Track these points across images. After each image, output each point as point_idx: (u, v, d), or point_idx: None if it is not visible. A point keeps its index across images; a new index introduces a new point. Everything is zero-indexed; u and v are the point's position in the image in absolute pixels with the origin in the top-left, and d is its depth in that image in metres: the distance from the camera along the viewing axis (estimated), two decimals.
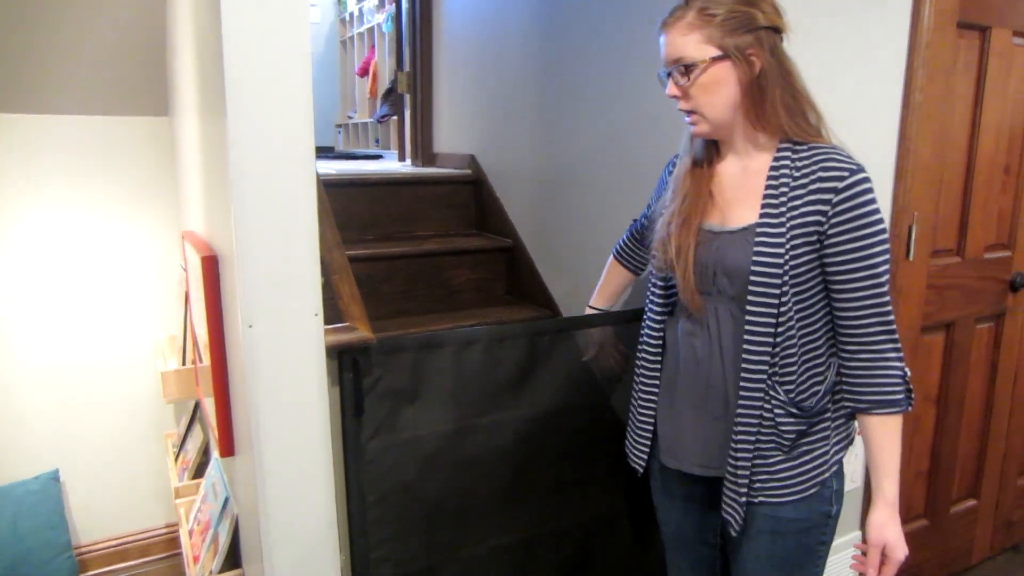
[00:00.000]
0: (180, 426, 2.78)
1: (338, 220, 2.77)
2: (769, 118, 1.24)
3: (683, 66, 1.23)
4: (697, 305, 1.33)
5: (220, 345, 1.53)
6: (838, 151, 1.23)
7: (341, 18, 6.17)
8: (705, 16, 1.21)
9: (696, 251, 1.31)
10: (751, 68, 1.22)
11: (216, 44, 1.20)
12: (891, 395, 1.24)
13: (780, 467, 1.30)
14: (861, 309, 1.22)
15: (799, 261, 1.22)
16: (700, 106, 1.26)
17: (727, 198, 1.32)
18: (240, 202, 1.20)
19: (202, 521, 1.95)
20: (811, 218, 1.21)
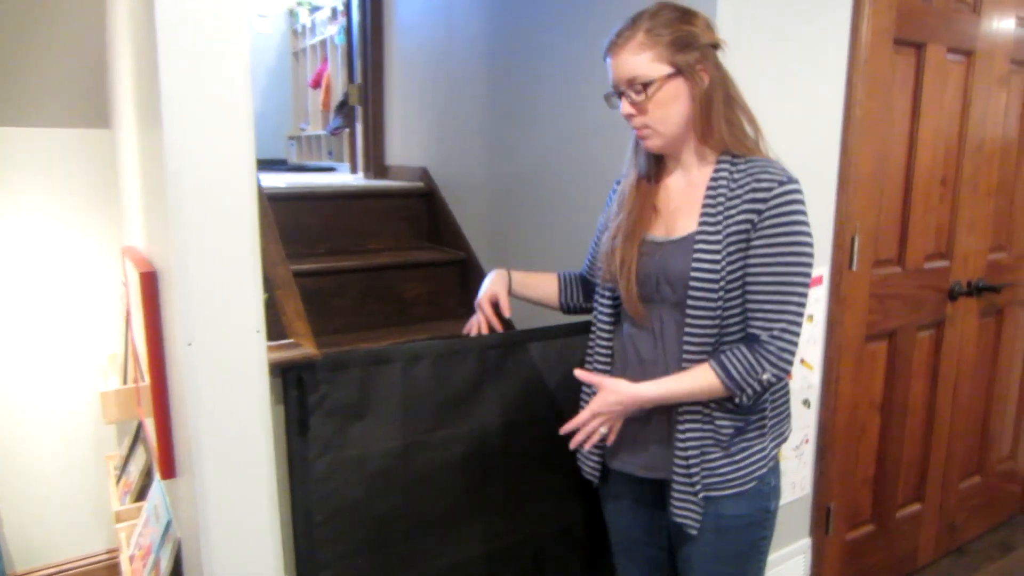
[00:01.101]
0: (122, 447, 2.70)
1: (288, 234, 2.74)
2: (714, 131, 1.30)
3: (640, 84, 1.27)
4: (640, 314, 1.37)
5: (160, 364, 1.49)
6: (772, 164, 1.28)
7: (293, 29, 6.11)
8: (653, 36, 1.26)
9: (640, 261, 1.36)
10: (700, 82, 1.27)
11: (152, 54, 1.17)
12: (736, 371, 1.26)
13: (719, 463, 1.33)
14: (764, 311, 1.26)
15: (735, 267, 1.26)
16: (655, 122, 1.30)
17: (671, 209, 1.37)
18: (178, 216, 1.17)
19: (143, 546, 1.89)
20: (743, 227, 1.26)
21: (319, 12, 5.47)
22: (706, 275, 1.27)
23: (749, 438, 1.35)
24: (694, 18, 1.29)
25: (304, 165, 5.38)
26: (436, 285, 2.80)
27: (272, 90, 6.25)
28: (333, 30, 5.03)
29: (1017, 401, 2.84)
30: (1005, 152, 2.49)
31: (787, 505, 2.11)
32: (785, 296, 1.25)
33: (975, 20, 2.25)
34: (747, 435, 1.35)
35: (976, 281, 2.48)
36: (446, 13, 2.92)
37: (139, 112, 1.58)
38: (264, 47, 6.14)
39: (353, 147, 4.09)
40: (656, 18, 1.27)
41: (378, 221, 2.96)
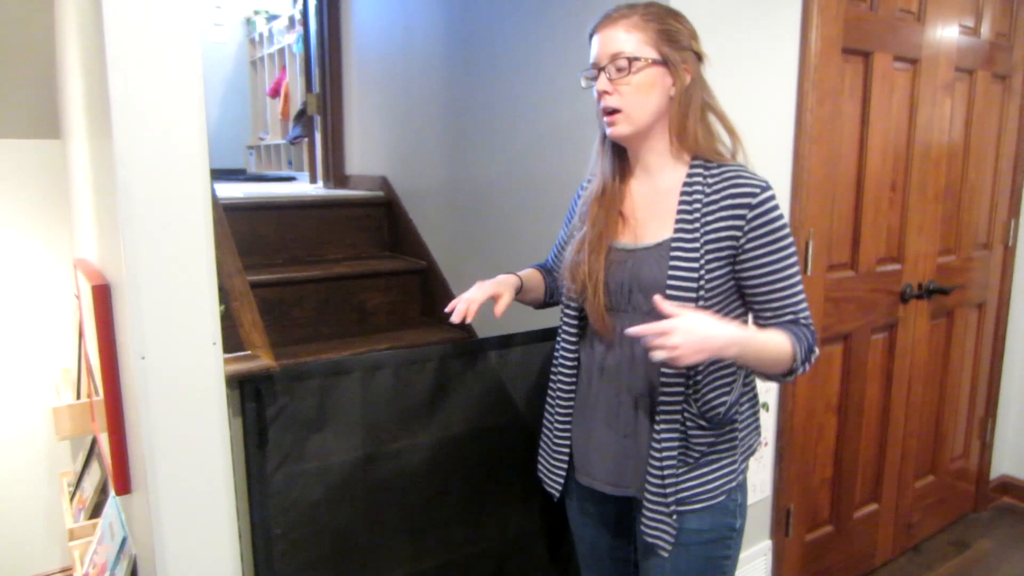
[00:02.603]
0: (76, 463, 2.63)
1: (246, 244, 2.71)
2: (689, 133, 1.28)
3: (625, 59, 1.24)
4: (605, 327, 1.33)
5: (113, 378, 1.46)
6: (745, 170, 1.27)
7: (250, 38, 6.06)
8: (648, 22, 1.25)
9: (609, 271, 1.32)
10: (682, 81, 1.26)
11: (100, 63, 1.15)
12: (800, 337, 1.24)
13: (686, 476, 1.30)
14: (787, 310, 1.26)
15: (712, 275, 1.24)
16: (629, 105, 1.26)
17: (639, 217, 1.34)
18: (129, 227, 1.15)
19: (98, 564, 1.84)
20: (724, 233, 1.24)
21: (276, 21, 5.43)
22: (683, 283, 1.24)
23: (720, 450, 1.33)
24: (684, 21, 1.30)
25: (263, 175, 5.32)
26: (397, 294, 2.79)
27: (230, 99, 6.18)
28: (291, 39, 4.99)
29: (968, 401, 2.91)
30: (951, 157, 2.56)
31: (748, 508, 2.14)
32: (796, 292, 1.26)
33: (919, 29, 2.31)
34: (718, 448, 1.32)
35: (927, 283, 2.54)
36: (404, 22, 2.92)
37: (89, 122, 1.56)
38: (221, 56, 6.07)
39: (312, 156, 4.06)
40: (650, 9, 1.27)
41: (338, 230, 2.94)
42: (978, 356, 2.90)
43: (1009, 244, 2.91)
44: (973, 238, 2.74)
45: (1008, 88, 2.73)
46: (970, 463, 3.00)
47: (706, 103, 1.30)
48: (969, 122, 2.60)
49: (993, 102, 2.69)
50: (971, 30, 2.51)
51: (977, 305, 2.84)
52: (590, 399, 1.41)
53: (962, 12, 2.45)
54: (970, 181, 2.66)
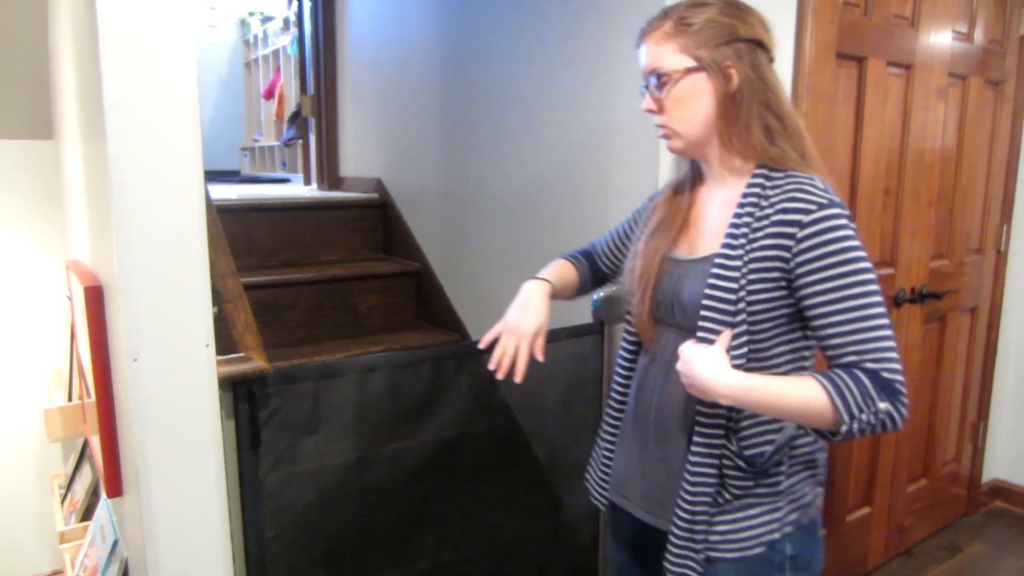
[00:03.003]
0: (67, 466, 2.62)
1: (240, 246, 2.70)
2: (742, 138, 1.15)
3: (657, 76, 1.16)
4: (648, 337, 1.26)
5: (106, 379, 1.46)
6: (811, 182, 1.10)
7: (245, 40, 6.05)
8: (682, 25, 1.14)
9: (658, 280, 1.23)
10: (727, 82, 1.13)
11: (94, 63, 1.15)
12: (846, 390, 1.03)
13: (718, 519, 1.17)
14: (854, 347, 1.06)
15: (757, 299, 1.11)
16: (672, 120, 1.17)
17: (701, 227, 1.23)
18: (122, 228, 1.15)
19: (89, 567, 1.83)
20: (771, 253, 1.09)
21: (271, 23, 5.43)
22: (719, 304, 1.11)
23: (759, 494, 1.17)
24: (738, 11, 1.15)
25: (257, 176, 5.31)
26: (391, 297, 2.78)
27: (224, 101, 6.17)
28: (286, 40, 4.99)
29: (960, 405, 2.92)
30: (944, 162, 2.57)
31: None
32: (864, 328, 1.05)
33: (913, 35, 2.32)
34: (755, 492, 1.17)
35: (920, 288, 2.55)
36: (399, 24, 2.92)
37: (83, 122, 1.55)
38: (215, 58, 6.06)
39: (307, 158, 4.05)
40: (695, 7, 1.15)
41: (332, 233, 2.94)
42: (970, 360, 2.91)
43: (1001, 249, 2.92)
44: (966, 243, 2.75)
45: (1001, 94, 2.75)
46: (962, 467, 3.01)
47: (766, 102, 1.14)
48: (962, 127, 2.61)
49: (986, 108, 2.70)
50: (964, 36, 2.53)
51: (970, 309, 2.85)
52: (629, 415, 1.32)
53: (956, 18, 2.46)
54: (963, 186, 2.67)
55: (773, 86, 1.15)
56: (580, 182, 1.98)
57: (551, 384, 1.76)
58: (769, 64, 1.16)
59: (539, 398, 1.75)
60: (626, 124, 1.81)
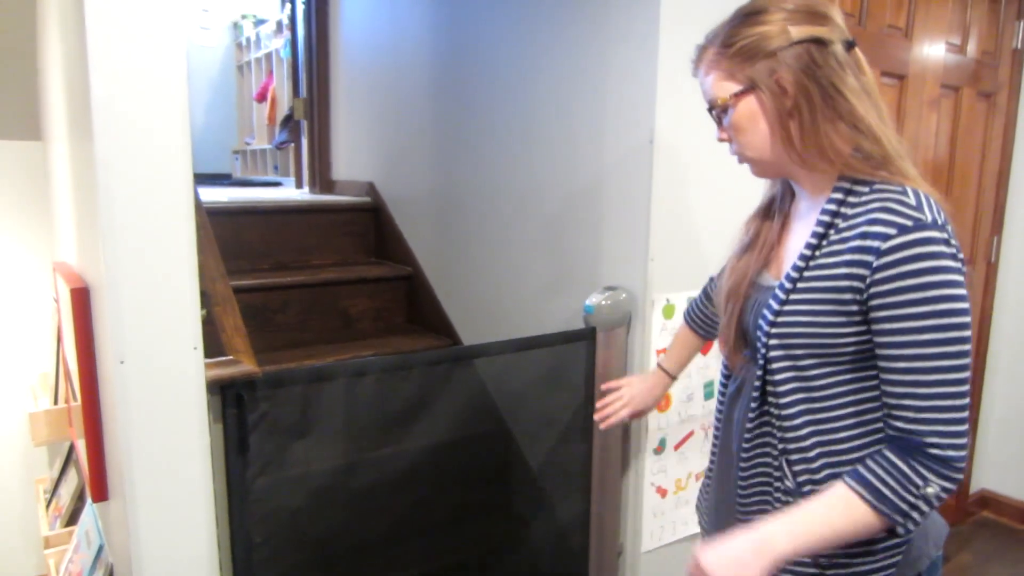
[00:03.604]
0: (53, 470, 2.59)
1: (231, 249, 2.68)
2: (812, 151, 1.03)
3: (716, 108, 1.08)
4: (733, 363, 1.19)
5: (92, 382, 1.44)
6: (903, 196, 0.96)
7: (237, 43, 6.03)
8: (722, 48, 1.06)
9: (744, 305, 1.16)
10: (783, 94, 1.02)
11: (82, 64, 1.13)
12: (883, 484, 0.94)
13: None
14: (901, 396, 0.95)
15: (798, 328, 1.02)
16: (741, 148, 1.09)
17: (786, 247, 1.15)
18: (110, 230, 1.13)
19: (74, 572, 1.81)
20: (844, 283, 0.97)
21: (264, 25, 5.41)
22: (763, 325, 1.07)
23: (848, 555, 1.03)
24: (763, 15, 1.03)
25: (249, 180, 5.29)
26: (382, 301, 2.77)
27: (216, 104, 6.15)
28: (278, 43, 4.97)
29: None
30: (937, 173, 2.58)
31: None
32: (934, 382, 0.92)
33: (907, 45, 2.33)
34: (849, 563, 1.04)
35: None
36: (392, 28, 2.91)
37: (70, 123, 1.54)
38: (207, 60, 6.04)
39: (299, 162, 4.04)
40: (727, 27, 1.06)
41: (324, 236, 2.92)
42: None
43: (992, 260, 2.94)
44: None
45: (993, 106, 2.76)
46: None
47: (831, 106, 1.00)
48: (954, 139, 2.62)
49: (978, 119, 2.72)
50: (957, 48, 2.54)
51: None
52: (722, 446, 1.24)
53: (949, 30, 2.48)
54: (954, 197, 2.68)
55: (839, 86, 1.00)
56: (572, 187, 1.98)
57: (542, 389, 1.75)
58: (833, 58, 1.01)
59: (530, 403, 1.74)
60: (619, 128, 1.81)
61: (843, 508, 0.95)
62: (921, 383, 0.93)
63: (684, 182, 1.80)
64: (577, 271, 1.83)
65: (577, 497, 1.82)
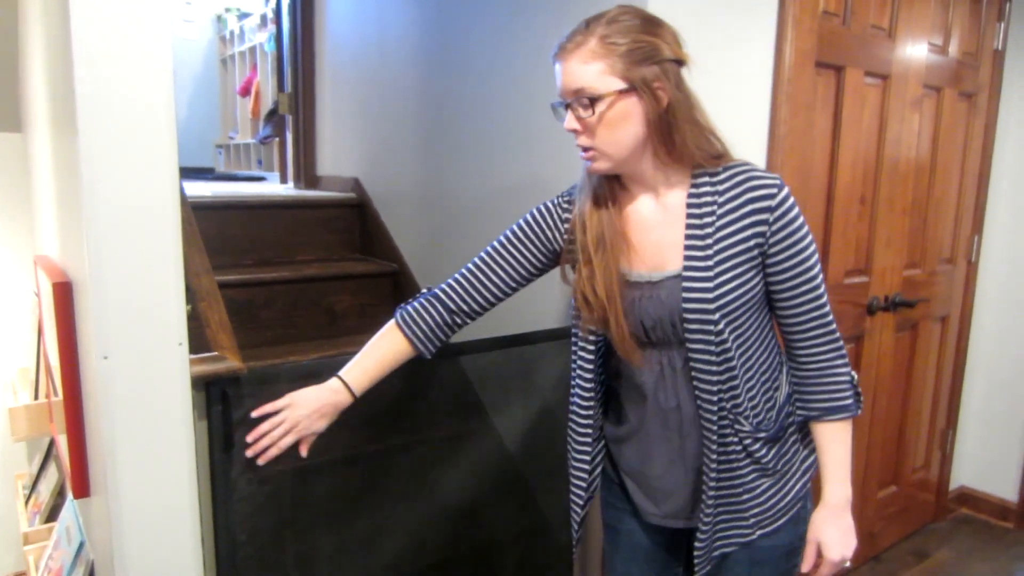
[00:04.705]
0: (32, 466, 2.57)
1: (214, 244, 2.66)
2: (680, 152, 1.18)
3: (586, 99, 1.12)
4: (636, 360, 1.25)
5: (74, 378, 1.42)
6: (754, 168, 1.20)
7: (221, 36, 5.98)
8: (608, 45, 1.11)
9: (638, 303, 1.23)
10: (658, 103, 1.13)
11: (66, 55, 1.12)
12: (840, 401, 1.24)
13: (767, 492, 1.26)
14: (807, 321, 1.21)
15: (742, 289, 1.17)
16: (602, 143, 1.16)
17: (652, 240, 1.23)
18: (94, 223, 1.12)
19: (53, 569, 1.79)
20: (752, 241, 1.17)
21: (248, 19, 5.37)
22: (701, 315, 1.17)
23: (787, 460, 1.28)
24: (658, 28, 1.14)
25: (232, 174, 5.25)
26: (367, 297, 2.76)
27: (199, 97, 6.10)
28: (263, 37, 4.94)
29: (930, 413, 2.96)
30: (919, 172, 2.60)
31: None
32: (818, 293, 1.20)
33: (890, 45, 2.35)
34: (785, 457, 1.28)
35: (893, 296, 2.58)
36: (378, 23, 2.90)
37: (53, 115, 1.52)
38: (191, 53, 5.99)
39: (283, 156, 4.02)
40: (614, 24, 1.12)
41: (308, 232, 2.91)
42: (940, 369, 2.95)
43: (972, 260, 2.97)
44: (938, 253, 2.79)
45: (974, 106, 2.79)
46: (931, 474, 3.05)
47: (692, 118, 1.18)
48: (936, 139, 2.65)
49: (959, 120, 2.75)
50: (939, 48, 2.56)
51: (940, 319, 2.89)
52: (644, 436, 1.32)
53: (932, 30, 2.50)
54: (936, 197, 2.70)
55: (694, 98, 1.19)
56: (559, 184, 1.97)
57: (528, 385, 1.75)
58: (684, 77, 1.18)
59: (515, 400, 1.74)
60: None
61: (843, 435, 1.25)
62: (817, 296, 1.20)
63: None
64: None
65: (561, 491, 1.82)
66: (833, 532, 1.24)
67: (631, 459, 1.36)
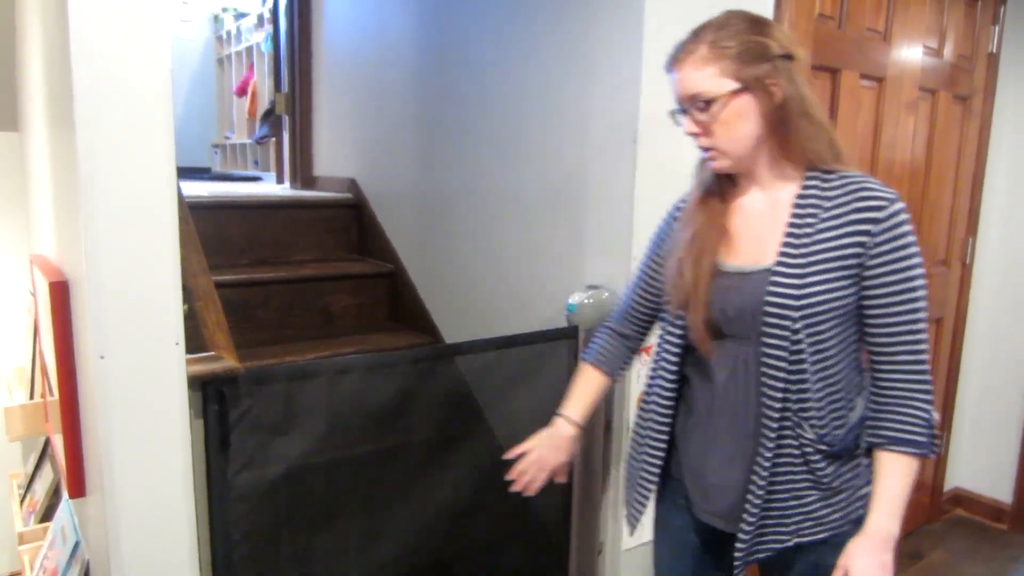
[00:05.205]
0: (28, 465, 2.56)
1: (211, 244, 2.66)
2: (794, 148, 1.20)
3: (702, 102, 1.18)
4: (707, 349, 1.26)
5: (70, 377, 1.42)
6: (869, 180, 1.19)
7: (218, 35, 5.97)
8: (718, 48, 1.16)
9: (722, 294, 1.24)
10: (771, 99, 1.17)
11: (64, 54, 1.12)
12: (910, 434, 1.18)
13: (816, 505, 1.24)
14: (897, 346, 1.18)
15: (829, 296, 1.17)
16: (721, 142, 1.20)
17: (753, 234, 1.26)
18: (92, 223, 1.12)
19: (48, 568, 1.79)
20: (850, 250, 1.16)
21: (244, 19, 5.37)
22: (784, 310, 1.17)
23: (847, 479, 1.25)
24: (766, 27, 1.18)
25: (228, 174, 5.25)
26: (363, 298, 2.76)
27: (195, 97, 6.09)
28: (259, 37, 4.93)
29: None
30: (913, 175, 2.61)
31: None
32: (916, 325, 1.16)
33: (886, 48, 2.36)
34: (844, 476, 1.25)
35: None
36: (376, 23, 2.90)
37: (51, 114, 1.52)
38: (187, 53, 5.98)
39: (280, 157, 4.01)
40: (723, 29, 1.17)
41: (305, 232, 2.91)
42: (935, 370, 2.96)
43: (967, 262, 2.98)
44: (932, 255, 2.80)
45: (968, 109, 2.80)
46: (925, 475, 3.06)
47: (806, 112, 1.18)
48: (931, 141, 2.66)
49: (954, 123, 2.76)
50: (934, 51, 2.57)
51: (935, 320, 2.90)
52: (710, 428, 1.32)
53: (927, 34, 2.51)
54: (930, 199, 2.72)
55: (807, 94, 1.19)
56: (556, 186, 1.98)
57: (524, 387, 1.75)
58: (800, 72, 1.19)
59: (512, 401, 1.74)
60: (603, 128, 1.81)
61: (906, 471, 1.19)
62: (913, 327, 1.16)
63: (667, 182, 1.81)
64: (560, 270, 1.84)
65: (557, 494, 1.82)
66: (866, 562, 1.18)
67: (693, 453, 1.36)
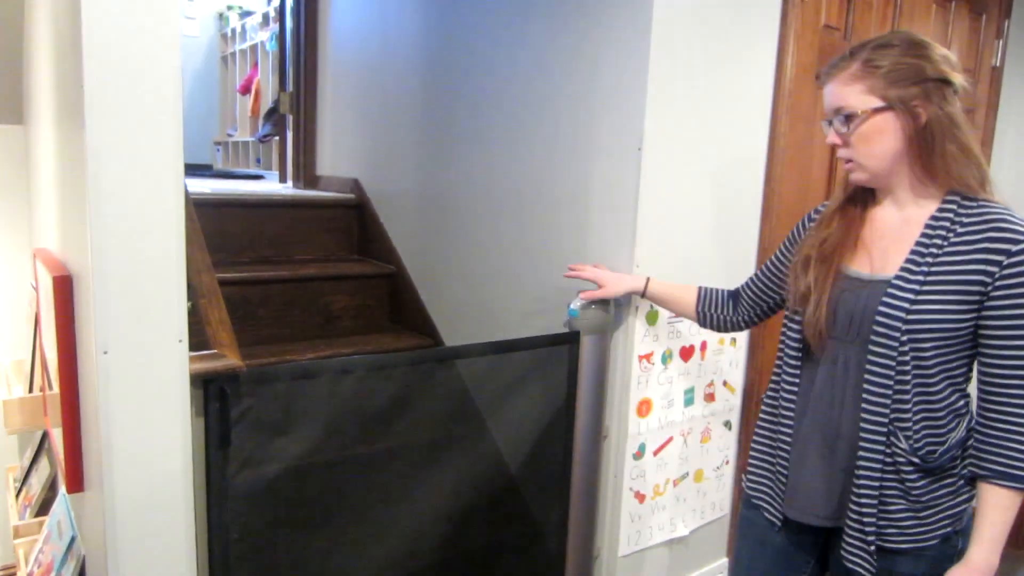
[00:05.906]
0: (24, 459, 2.56)
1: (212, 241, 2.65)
2: (938, 171, 1.23)
3: (844, 115, 1.24)
4: (820, 347, 1.31)
5: (71, 372, 1.42)
6: (1010, 213, 1.20)
7: (222, 33, 5.98)
8: (870, 67, 1.22)
9: (833, 294, 1.30)
10: (915, 120, 1.21)
11: (75, 47, 1.12)
12: (1017, 469, 1.18)
13: (902, 515, 1.26)
14: (1009, 378, 1.19)
15: (933, 316, 1.19)
16: (858, 155, 1.26)
17: (882, 246, 1.30)
18: (97, 218, 1.12)
19: (43, 563, 1.79)
20: (974, 277, 1.18)
21: (250, 17, 5.37)
22: (892, 320, 1.21)
23: (938, 496, 1.26)
24: (925, 49, 1.22)
25: (231, 172, 5.24)
26: (364, 298, 2.76)
27: (199, 94, 6.09)
28: (264, 36, 4.94)
29: None
30: None
31: (707, 525, 2.15)
32: None
33: None
34: (936, 492, 1.26)
35: None
36: (381, 24, 2.91)
37: (58, 109, 1.52)
38: (191, 50, 5.98)
39: (283, 155, 4.01)
40: (880, 49, 1.23)
41: (306, 231, 2.91)
42: None
43: None
44: None
45: (972, 122, 2.81)
46: None
47: (954, 136, 1.22)
48: None
49: None
50: None
51: None
52: (803, 427, 1.36)
53: None
54: None
55: (957, 119, 1.22)
56: (559, 188, 1.99)
57: (524, 391, 1.75)
58: (955, 97, 1.23)
59: (511, 406, 1.74)
60: (606, 130, 1.82)
61: (1008, 504, 1.19)
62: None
63: (672, 190, 1.81)
64: (562, 275, 1.84)
65: (555, 500, 1.82)
66: None
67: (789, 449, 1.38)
